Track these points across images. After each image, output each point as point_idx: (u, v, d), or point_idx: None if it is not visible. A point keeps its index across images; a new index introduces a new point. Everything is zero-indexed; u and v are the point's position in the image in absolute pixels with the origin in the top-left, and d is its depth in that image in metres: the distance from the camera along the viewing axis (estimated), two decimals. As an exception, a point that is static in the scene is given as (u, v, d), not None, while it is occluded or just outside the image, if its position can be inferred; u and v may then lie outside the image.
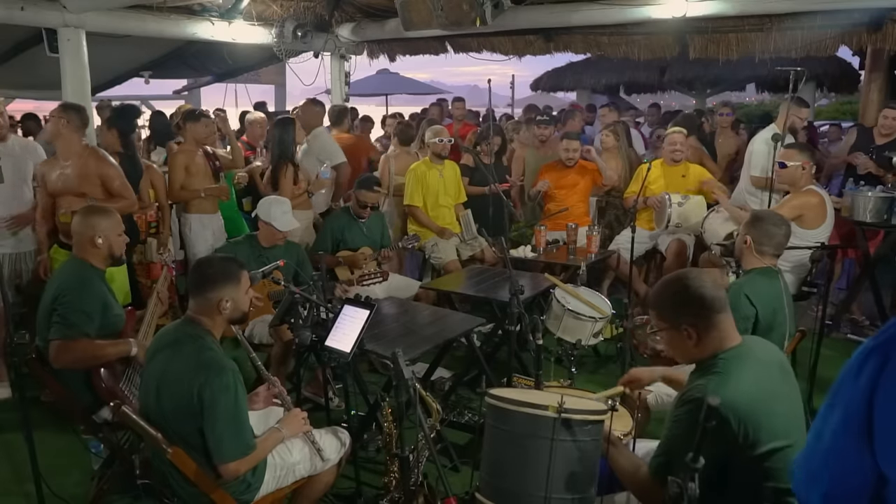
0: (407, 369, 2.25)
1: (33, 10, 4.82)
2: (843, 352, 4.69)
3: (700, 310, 1.95)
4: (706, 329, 1.95)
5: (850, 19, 5.43)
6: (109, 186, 4.06)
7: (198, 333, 2.36)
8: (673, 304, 2.00)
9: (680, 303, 1.98)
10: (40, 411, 3.65)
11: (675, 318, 1.98)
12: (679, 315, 1.97)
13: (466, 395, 4.07)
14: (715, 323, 1.96)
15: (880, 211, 4.49)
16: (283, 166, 5.00)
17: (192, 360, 2.28)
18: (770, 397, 1.89)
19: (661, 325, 2.04)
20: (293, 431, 2.52)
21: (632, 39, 6.49)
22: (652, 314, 2.06)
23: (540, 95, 14.29)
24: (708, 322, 1.95)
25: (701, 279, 2.01)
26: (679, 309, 1.98)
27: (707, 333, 1.95)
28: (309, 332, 2.82)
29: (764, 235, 2.97)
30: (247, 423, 2.33)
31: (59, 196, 4.02)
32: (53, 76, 5.16)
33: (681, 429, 1.88)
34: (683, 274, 2.06)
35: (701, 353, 1.99)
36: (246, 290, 2.48)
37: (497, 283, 4.25)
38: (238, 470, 2.30)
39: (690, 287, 1.97)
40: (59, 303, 2.91)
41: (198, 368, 2.25)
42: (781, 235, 3.00)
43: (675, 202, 4.76)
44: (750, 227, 3.02)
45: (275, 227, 3.92)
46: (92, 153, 4.09)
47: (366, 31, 7.11)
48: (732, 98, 12.77)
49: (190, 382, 2.23)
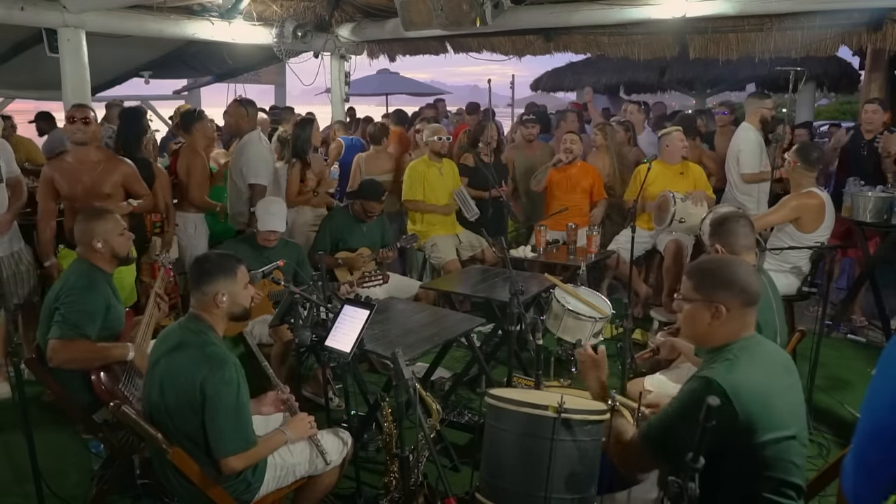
0: (407, 369, 2.25)
1: (33, 10, 4.82)
2: (843, 352, 4.71)
3: (740, 294, 1.97)
4: (735, 315, 1.98)
5: (850, 19, 5.44)
6: (130, 187, 4.10)
7: (200, 329, 2.38)
8: (717, 279, 2.01)
9: (724, 281, 2.00)
10: (40, 411, 3.65)
11: (713, 294, 1.99)
12: (718, 291, 1.99)
13: (466, 395, 4.07)
14: (744, 313, 1.99)
15: (880, 211, 4.49)
16: (293, 164, 5.07)
17: (196, 354, 2.29)
18: (775, 391, 1.90)
19: (693, 297, 2.04)
20: (298, 435, 2.52)
21: (632, 39, 6.49)
22: (687, 283, 2.06)
23: (540, 95, 14.30)
24: (741, 310, 1.98)
25: (751, 271, 2.04)
26: (722, 286, 1.99)
27: (734, 319, 1.98)
28: (309, 332, 2.82)
29: (731, 236, 2.96)
30: (248, 417, 2.34)
31: (76, 200, 3.95)
32: (53, 76, 5.17)
33: (679, 403, 1.92)
34: (737, 260, 2.09)
35: (714, 336, 2.01)
36: (244, 285, 2.49)
37: (497, 283, 4.25)
38: (236, 466, 2.30)
39: (740, 272, 2.01)
40: (62, 302, 2.91)
41: (200, 362, 2.26)
42: (746, 227, 2.98)
43: (679, 198, 4.76)
44: (715, 236, 3.01)
45: (256, 225, 3.94)
46: (110, 156, 4.13)
47: (366, 31, 7.12)
48: (732, 98, 12.76)
49: (193, 377, 2.24)
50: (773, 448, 1.83)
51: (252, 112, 4.85)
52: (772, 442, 1.83)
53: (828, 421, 3.76)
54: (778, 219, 4.15)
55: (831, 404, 3.97)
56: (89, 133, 3.97)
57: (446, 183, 5.40)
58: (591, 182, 5.59)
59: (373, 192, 4.61)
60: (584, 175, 5.57)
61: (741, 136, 5.27)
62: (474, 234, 5.43)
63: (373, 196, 4.57)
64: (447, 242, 5.32)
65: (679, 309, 2.11)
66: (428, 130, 5.45)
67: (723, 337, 1.99)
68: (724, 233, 2.97)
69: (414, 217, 5.43)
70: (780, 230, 4.22)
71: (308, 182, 5.09)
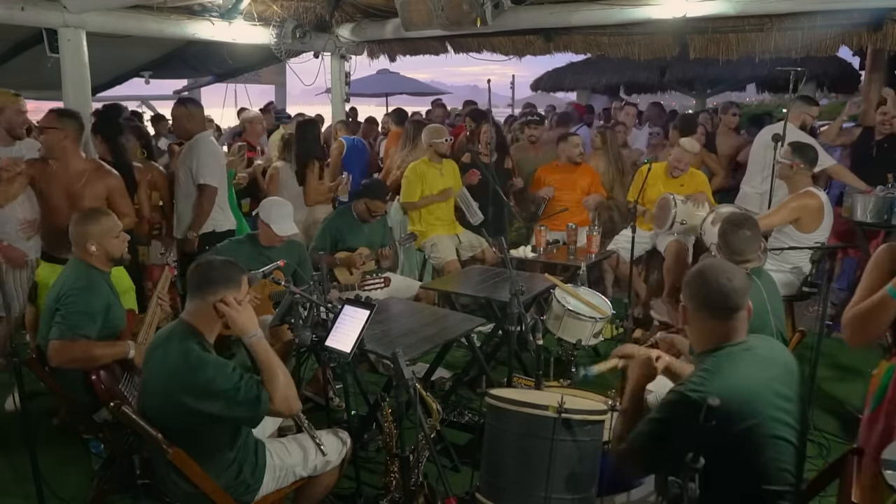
0: (407, 369, 2.25)
1: (33, 10, 4.81)
2: (843, 352, 4.70)
3: (703, 305, 2.00)
4: (704, 325, 2.01)
5: (851, 19, 5.43)
6: (112, 201, 3.84)
7: (186, 335, 2.30)
8: (687, 288, 2.05)
9: (693, 290, 2.03)
10: (40, 411, 3.66)
11: (687, 301, 2.05)
12: (688, 300, 2.04)
13: (466, 395, 4.07)
14: (714, 323, 1.99)
15: (880, 211, 4.49)
16: (311, 163, 5.17)
17: (179, 361, 2.23)
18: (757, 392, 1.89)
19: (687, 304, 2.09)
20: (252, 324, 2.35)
21: (632, 39, 6.49)
22: (683, 291, 2.11)
23: (540, 95, 14.30)
24: (707, 320, 2.00)
25: (732, 273, 2.03)
26: (690, 296, 2.03)
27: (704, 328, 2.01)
28: (309, 332, 2.82)
29: (725, 244, 2.98)
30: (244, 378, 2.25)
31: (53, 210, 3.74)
32: (54, 76, 5.16)
33: (660, 413, 1.93)
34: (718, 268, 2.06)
35: (696, 342, 2.07)
36: (245, 293, 2.44)
37: (497, 283, 4.25)
38: (285, 397, 2.25)
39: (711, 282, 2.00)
40: (62, 303, 2.91)
41: (182, 371, 2.22)
42: (741, 241, 2.99)
43: (679, 200, 4.75)
44: (720, 247, 3.04)
45: (272, 229, 3.92)
46: (95, 166, 3.88)
47: (366, 31, 7.11)
48: (732, 98, 12.78)
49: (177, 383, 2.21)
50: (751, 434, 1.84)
51: (196, 111, 4.52)
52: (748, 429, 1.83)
53: (828, 421, 3.76)
54: (779, 220, 4.15)
55: (831, 404, 3.97)
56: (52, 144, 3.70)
57: (447, 183, 5.39)
58: (590, 182, 5.60)
59: (379, 191, 4.60)
60: (583, 175, 5.58)
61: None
62: (474, 234, 5.44)
63: (378, 195, 4.56)
64: (447, 242, 5.32)
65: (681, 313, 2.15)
66: (429, 131, 5.44)
67: (705, 343, 2.02)
68: (728, 242, 2.98)
69: (413, 217, 5.43)
70: (779, 231, 4.23)
71: (325, 180, 5.17)
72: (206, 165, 4.37)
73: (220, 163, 4.53)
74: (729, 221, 3.05)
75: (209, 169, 4.37)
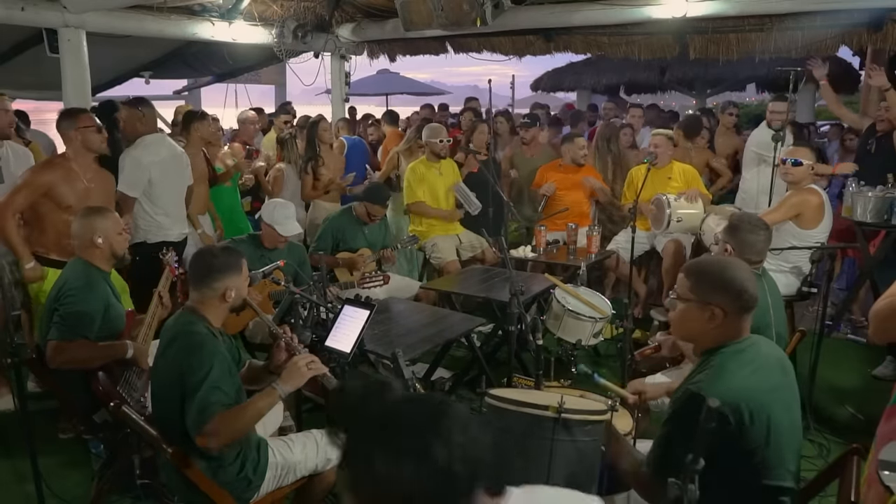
0: (407, 369, 2.26)
1: (33, 11, 4.81)
2: (843, 352, 4.70)
3: (737, 299, 1.94)
4: (731, 319, 1.94)
5: (851, 19, 5.43)
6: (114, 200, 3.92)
7: (191, 321, 2.37)
8: (716, 281, 1.96)
9: (723, 284, 1.95)
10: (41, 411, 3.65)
11: (710, 295, 1.95)
12: (716, 294, 1.95)
13: (466, 395, 4.07)
14: (741, 318, 1.96)
15: (880, 211, 4.48)
16: (307, 163, 5.37)
17: (182, 345, 2.30)
18: (767, 390, 1.89)
19: (688, 296, 1.99)
20: (293, 384, 2.37)
21: (632, 39, 6.49)
22: (684, 282, 2.01)
23: (540, 96, 14.30)
24: (737, 315, 1.95)
25: (751, 275, 2.00)
26: (720, 288, 1.95)
27: (729, 324, 1.95)
28: (309, 333, 2.82)
29: (744, 244, 2.96)
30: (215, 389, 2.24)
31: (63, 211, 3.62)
32: (54, 76, 5.16)
33: (674, 424, 1.89)
34: (737, 262, 2.03)
35: (705, 338, 1.99)
36: (245, 278, 2.51)
37: (497, 283, 4.25)
38: (210, 441, 2.21)
39: (739, 276, 1.96)
40: (62, 303, 2.91)
41: (183, 352, 2.28)
42: (761, 241, 2.99)
43: (672, 199, 4.75)
44: (730, 235, 3.01)
45: (277, 231, 3.92)
46: (97, 167, 3.88)
47: (366, 31, 7.11)
48: (732, 98, 12.78)
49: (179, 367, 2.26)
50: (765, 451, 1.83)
51: (148, 112, 4.32)
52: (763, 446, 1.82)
53: (828, 421, 3.76)
54: (780, 216, 4.14)
55: (831, 404, 3.97)
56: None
57: (446, 183, 5.40)
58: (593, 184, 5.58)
59: (379, 195, 4.62)
60: (583, 175, 5.57)
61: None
62: (475, 234, 5.44)
63: (378, 200, 4.57)
64: (447, 243, 5.32)
65: (672, 307, 2.07)
66: (428, 132, 5.44)
67: (714, 339, 1.97)
68: (738, 238, 2.97)
69: (414, 217, 5.43)
70: (779, 228, 4.21)
71: (322, 178, 5.25)
72: (126, 175, 4.09)
73: (142, 172, 4.12)
74: (748, 223, 3.04)
75: (127, 178, 4.09)
